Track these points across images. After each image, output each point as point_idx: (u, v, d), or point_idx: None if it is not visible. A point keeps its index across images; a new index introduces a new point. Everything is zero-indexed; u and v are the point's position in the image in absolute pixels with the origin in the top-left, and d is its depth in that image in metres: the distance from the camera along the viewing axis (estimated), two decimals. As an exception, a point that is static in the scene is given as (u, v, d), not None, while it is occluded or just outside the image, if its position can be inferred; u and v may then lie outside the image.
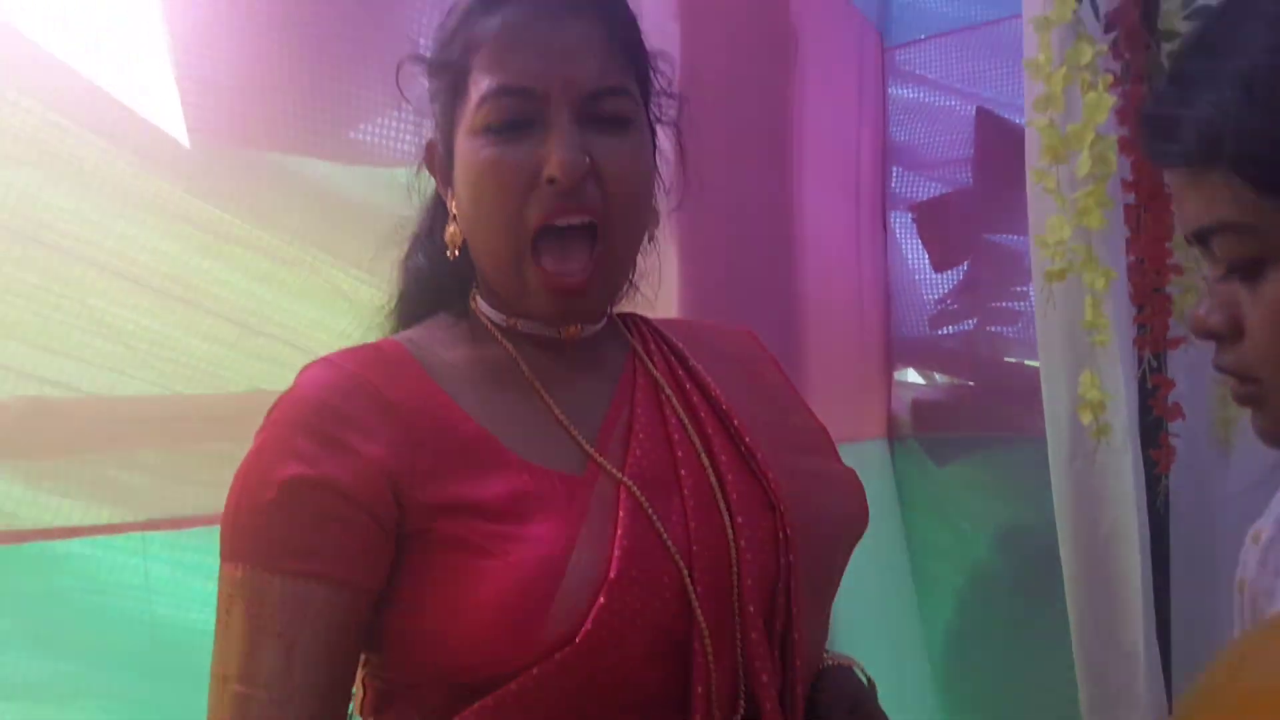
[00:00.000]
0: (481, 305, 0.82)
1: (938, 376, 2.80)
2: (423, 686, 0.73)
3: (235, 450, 1.42)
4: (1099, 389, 1.37)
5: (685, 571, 0.72)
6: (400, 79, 0.84)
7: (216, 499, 1.36)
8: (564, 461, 0.75)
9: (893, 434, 2.72)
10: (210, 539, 1.39)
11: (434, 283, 0.84)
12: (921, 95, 2.68)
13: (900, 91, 2.67)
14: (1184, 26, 1.59)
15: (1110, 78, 1.42)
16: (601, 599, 0.68)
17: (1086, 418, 1.37)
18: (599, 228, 0.75)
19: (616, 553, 0.70)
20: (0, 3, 1.08)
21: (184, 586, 1.37)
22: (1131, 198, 1.54)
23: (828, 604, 0.85)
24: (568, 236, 0.75)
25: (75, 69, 1.18)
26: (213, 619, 1.42)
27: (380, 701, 0.76)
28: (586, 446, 0.76)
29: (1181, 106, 0.61)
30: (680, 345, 0.88)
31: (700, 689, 0.71)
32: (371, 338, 0.84)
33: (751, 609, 0.74)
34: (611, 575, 0.69)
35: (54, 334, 1.21)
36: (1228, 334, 0.64)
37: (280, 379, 1.39)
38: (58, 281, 1.20)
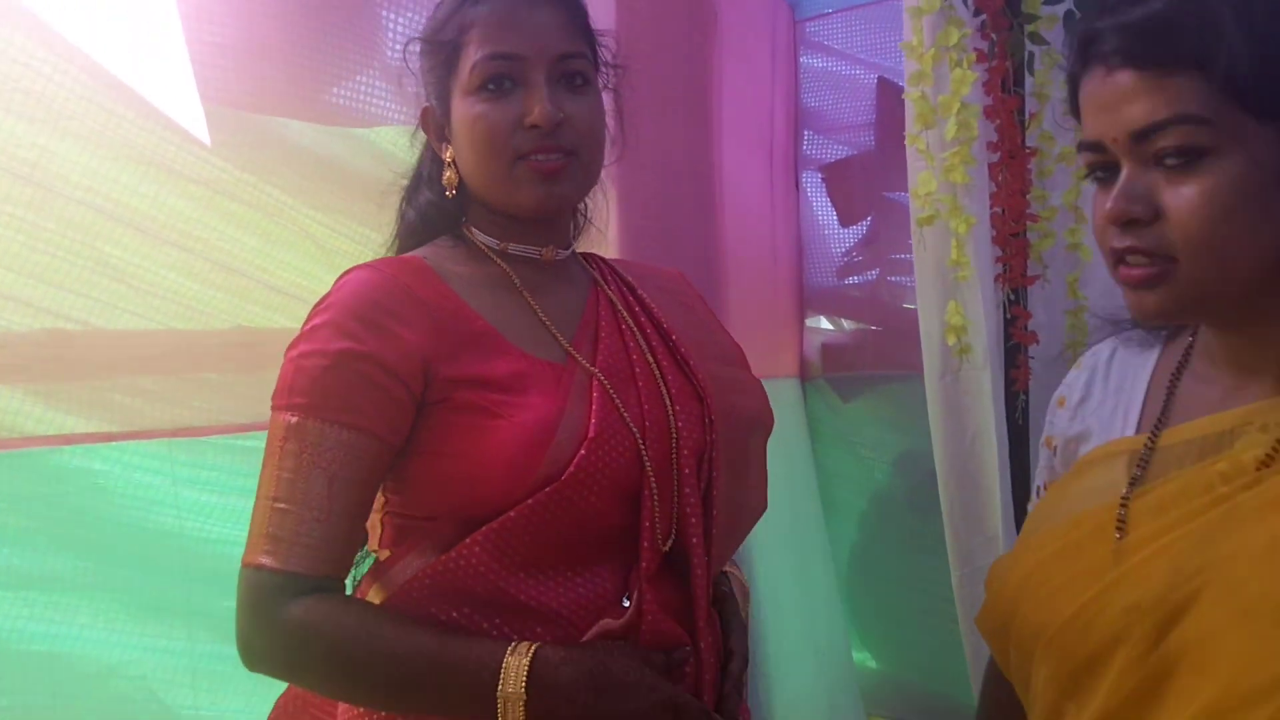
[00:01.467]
0: (477, 233, 1.03)
1: (844, 322, 3.01)
2: (438, 519, 0.93)
3: (220, 379, 1.60)
4: (962, 316, 1.63)
5: (640, 439, 0.95)
6: (382, 50, 1.01)
7: (205, 418, 1.52)
8: (549, 353, 0.97)
9: (804, 374, 2.95)
10: (202, 454, 1.56)
11: (437, 214, 1.05)
12: (830, 64, 2.84)
13: (811, 61, 2.84)
14: (1045, 10, 1.86)
15: (975, 56, 1.68)
16: (582, 451, 0.91)
17: (951, 340, 1.64)
18: (569, 156, 0.97)
19: (593, 420, 0.92)
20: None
21: (181, 496, 1.54)
22: (995, 156, 1.81)
23: (749, 476, 1.08)
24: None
25: (88, 41, 1.32)
26: (207, 526, 1.59)
27: (398, 535, 0.96)
28: (565, 344, 0.98)
29: (1171, 19, 0.70)
30: (629, 277, 1.11)
31: (648, 523, 0.94)
32: (334, 278, 0.99)
33: (685, 471, 0.98)
34: (590, 435, 0.91)
35: (67, 274, 1.36)
36: (1147, 218, 0.72)
37: (259, 317, 1.57)
38: (71, 228, 1.35)
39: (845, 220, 2.87)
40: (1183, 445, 0.79)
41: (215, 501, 1.58)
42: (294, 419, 0.88)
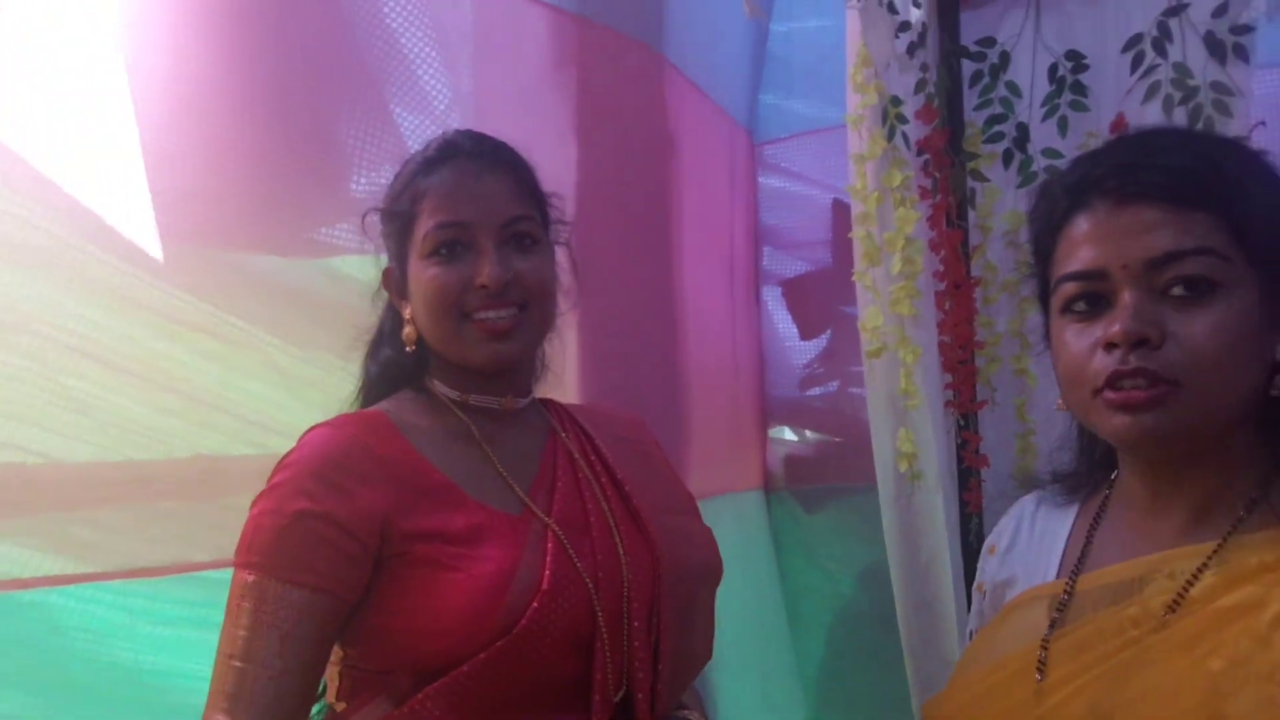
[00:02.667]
0: (438, 385, 1.07)
1: (807, 433, 3.03)
2: (393, 674, 0.94)
3: (180, 509, 1.60)
4: (913, 443, 1.67)
5: (593, 590, 0.97)
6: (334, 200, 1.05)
7: (165, 553, 1.53)
8: (506, 504, 0.99)
9: (768, 486, 2.96)
10: (160, 587, 1.56)
11: (397, 369, 1.09)
12: (787, 185, 2.94)
13: (769, 181, 2.94)
14: (985, 149, 1.96)
15: (918, 195, 1.76)
16: (535, 604, 0.92)
17: (904, 466, 1.67)
18: (520, 312, 1.02)
19: (547, 573, 0.94)
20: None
21: (138, 631, 1.53)
22: (942, 286, 1.88)
23: (696, 627, 1.09)
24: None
25: (56, 181, 1.35)
26: (163, 660, 1.57)
27: (355, 687, 0.97)
28: (523, 496, 1.01)
29: (1191, 166, 0.77)
30: (586, 426, 1.14)
31: (600, 676, 0.96)
32: (300, 405, 1.04)
33: (636, 623, 0.99)
34: (545, 587, 0.93)
35: (29, 407, 1.37)
36: (1157, 341, 0.75)
37: (219, 445, 1.58)
38: (32, 360, 1.36)
39: (805, 334, 2.93)
40: (1098, 590, 0.83)
41: (172, 635, 1.56)
42: (251, 578, 0.91)
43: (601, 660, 0.96)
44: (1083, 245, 0.80)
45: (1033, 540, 0.95)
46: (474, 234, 1.01)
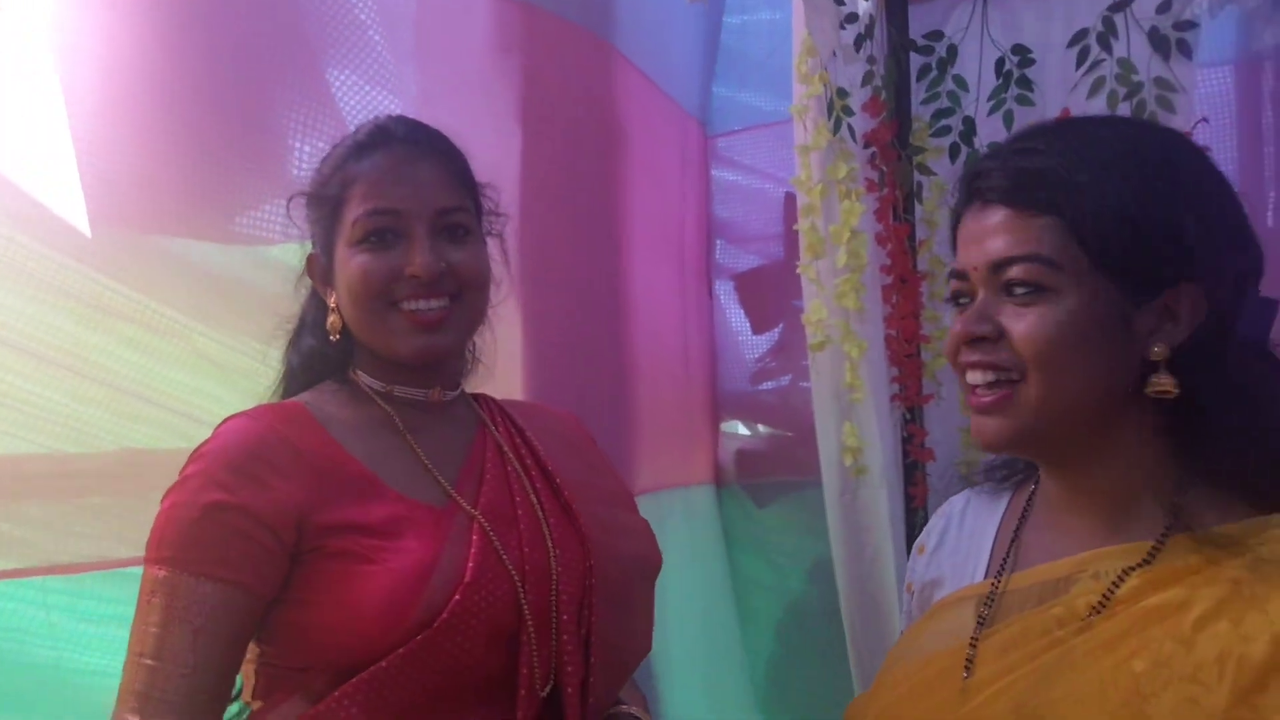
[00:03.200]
0: (362, 376, 1.04)
1: (759, 427, 3.03)
2: (309, 670, 0.91)
3: (109, 503, 1.56)
4: (857, 437, 1.67)
5: (519, 584, 0.95)
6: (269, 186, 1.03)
7: (89, 549, 1.49)
8: (429, 496, 0.97)
9: (719, 480, 2.95)
10: (83, 584, 1.51)
11: (320, 360, 1.06)
12: (740, 178, 2.94)
13: (722, 174, 2.93)
14: (932, 143, 1.96)
15: (864, 187, 1.75)
16: (457, 596, 0.90)
17: (848, 460, 1.67)
18: (452, 303, 1.00)
19: (470, 565, 0.92)
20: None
21: (59, 629, 1.48)
22: (888, 280, 1.87)
23: (632, 620, 1.08)
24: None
25: None
26: (86, 659, 1.53)
27: (269, 685, 0.94)
28: (448, 487, 0.98)
29: (1044, 169, 0.78)
30: (518, 419, 1.12)
31: (525, 670, 0.94)
32: (231, 397, 1.02)
33: (565, 617, 0.97)
34: (467, 579, 0.91)
35: None
36: (992, 337, 0.79)
37: (147, 438, 1.54)
38: None
39: (758, 327, 2.92)
40: (1024, 590, 0.84)
41: (95, 633, 1.52)
42: (161, 572, 0.88)
43: (528, 654, 0.94)
44: (959, 245, 0.85)
45: (961, 539, 0.96)
46: (406, 222, 0.98)
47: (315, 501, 0.92)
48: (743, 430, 3.05)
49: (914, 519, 1.88)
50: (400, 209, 0.98)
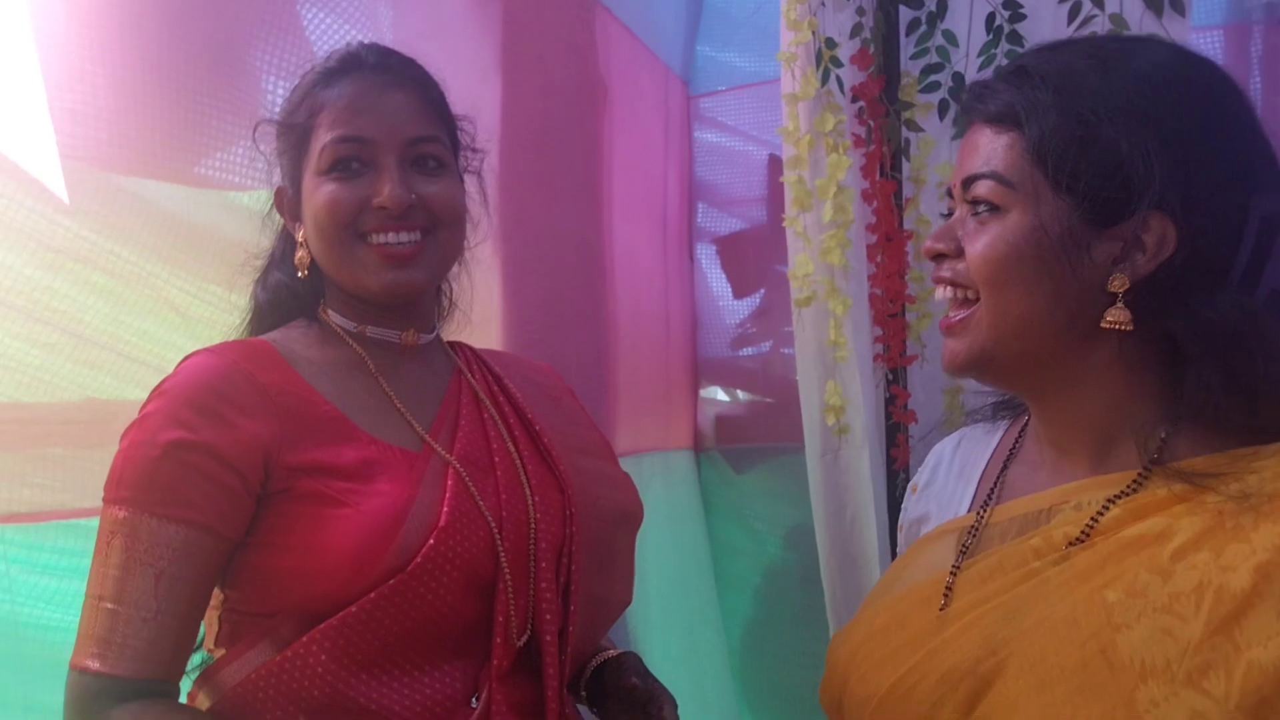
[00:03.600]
0: (332, 315, 1.00)
1: (739, 393, 3.02)
2: (276, 617, 0.88)
3: (70, 455, 1.51)
4: (840, 396, 1.64)
5: (495, 531, 0.92)
6: (241, 128, 0.99)
7: (55, 498, 1.44)
8: (402, 440, 0.93)
9: (698, 445, 2.94)
10: (41, 535, 1.47)
11: (289, 297, 1.02)
12: (723, 140, 2.90)
13: (705, 135, 2.89)
14: (921, 99, 1.92)
15: (851, 141, 1.72)
16: (431, 540, 0.87)
17: (830, 420, 1.64)
18: (424, 237, 0.96)
19: (445, 509, 0.89)
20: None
21: (16, 581, 1.44)
22: (873, 239, 1.84)
23: (613, 570, 1.06)
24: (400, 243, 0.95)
25: None
26: (44, 613, 1.49)
27: (234, 633, 0.91)
28: (421, 431, 0.95)
29: (1009, 88, 0.79)
30: (496, 368, 1.09)
31: (501, 618, 0.91)
32: (196, 347, 0.97)
33: (543, 564, 0.95)
34: (441, 523, 0.88)
35: None
36: (951, 253, 0.80)
37: (110, 388, 1.49)
38: None
39: (739, 292, 2.91)
40: (1006, 522, 0.82)
41: (54, 586, 1.48)
42: (121, 513, 0.85)
43: (504, 602, 0.91)
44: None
45: (950, 477, 0.95)
46: (374, 151, 0.94)
47: (282, 441, 0.88)
48: (722, 396, 3.04)
49: (895, 481, 1.86)
50: (368, 137, 0.94)
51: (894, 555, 1.87)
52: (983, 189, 0.78)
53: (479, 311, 1.17)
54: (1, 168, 1.33)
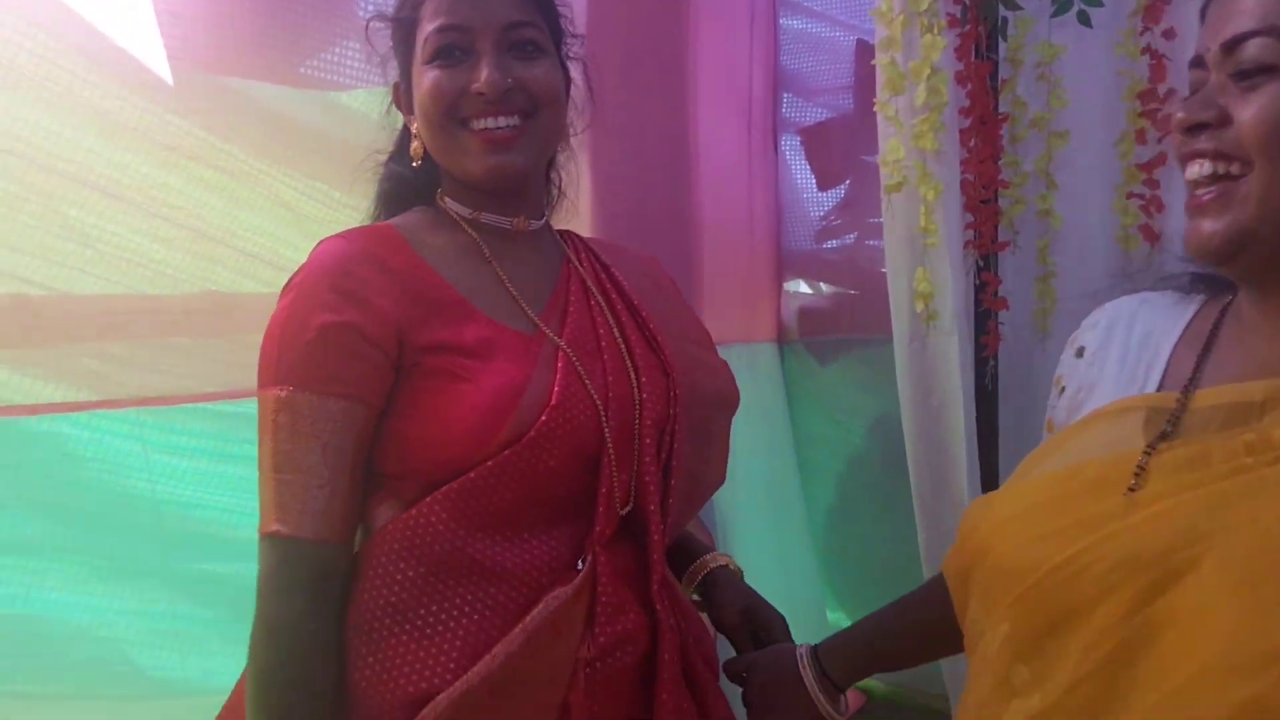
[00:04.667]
0: (449, 202, 1.04)
1: (822, 285, 3.00)
2: (404, 479, 0.95)
3: (193, 344, 1.60)
4: (929, 282, 1.64)
5: (601, 411, 0.97)
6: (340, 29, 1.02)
7: (183, 384, 1.54)
8: (517, 323, 0.98)
9: (781, 338, 2.95)
10: (173, 418, 1.57)
11: (408, 187, 1.06)
12: (809, 26, 2.82)
13: (790, 23, 2.82)
14: (1015, -26, 1.84)
15: (946, 21, 1.67)
16: (543, 417, 0.93)
17: (919, 306, 1.65)
18: (524, 121, 0.98)
19: (556, 389, 0.95)
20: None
21: (154, 463, 1.55)
22: (967, 122, 1.80)
23: (710, 451, 1.10)
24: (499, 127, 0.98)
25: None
26: (180, 491, 1.60)
27: (367, 490, 0.97)
28: (533, 316, 1.00)
29: None
30: (603, 256, 1.13)
31: (605, 489, 0.97)
32: (306, 244, 1.01)
33: (647, 441, 1.00)
34: (553, 402, 0.93)
35: (29, 238, 1.36)
36: (1214, 122, 0.73)
37: (228, 281, 1.57)
38: (33, 191, 1.35)
39: (823, 184, 2.87)
40: (1209, 410, 0.76)
41: (187, 466, 1.59)
42: (283, 393, 0.91)
43: (608, 475, 0.97)
44: (1201, 30, 0.78)
45: (1130, 347, 0.87)
46: (473, 38, 0.97)
47: (410, 321, 0.93)
48: (805, 289, 3.03)
49: (983, 369, 1.86)
50: (467, 25, 0.97)
51: (981, 441, 1.90)
52: (1256, 49, 0.71)
53: (574, 203, 1.19)
54: (112, 69, 1.39)
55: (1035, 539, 0.76)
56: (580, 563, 0.96)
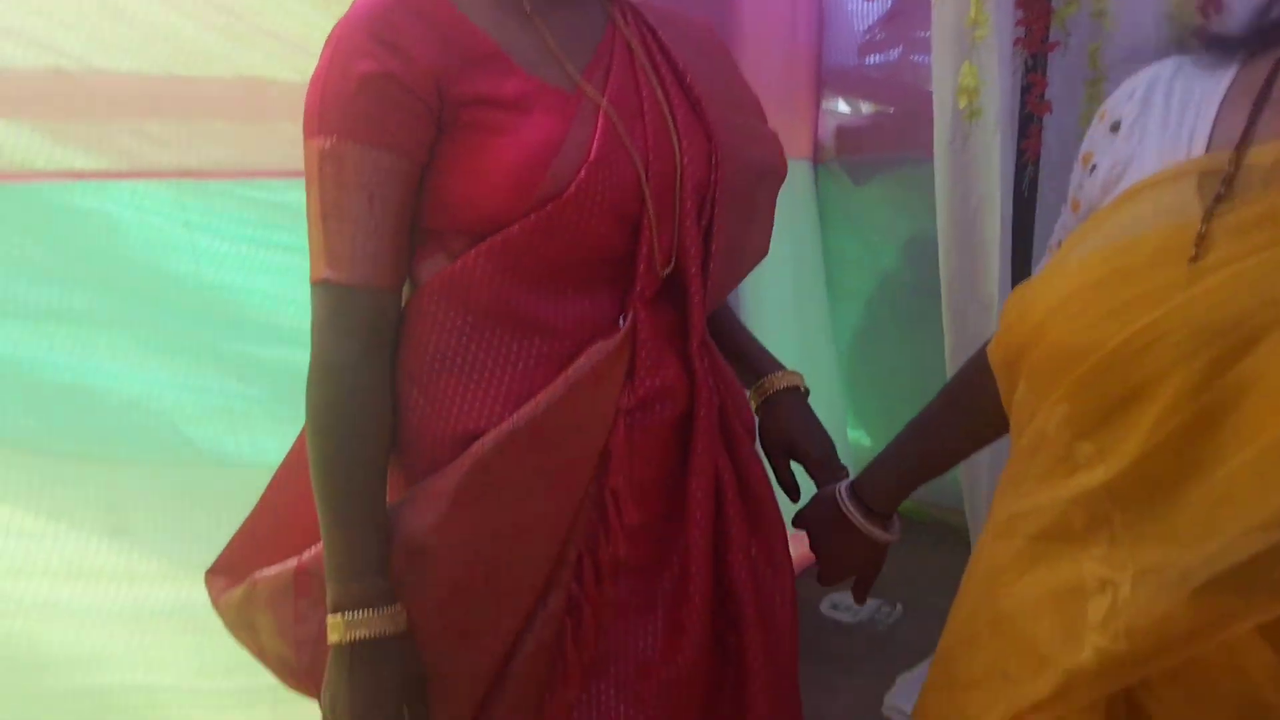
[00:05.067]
0: None
1: (862, 105, 2.92)
2: (446, 233, 0.96)
3: (228, 127, 1.58)
4: (975, 77, 1.60)
5: (641, 171, 0.97)
6: None
7: (214, 163, 1.53)
8: (557, 80, 0.97)
9: (817, 158, 2.91)
10: (215, 201, 1.58)
11: None
12: None
13: None
14: None
15: None
16: (582, 173, 0.92)
17: (963, 102, 1.61)
18: None
19: (595, 145, 0.94)
20: None
21: (198, 245, 1.58)
22: (1024, -89, 1.71)
23: (753, 220, 1.10)
24: None
25: None
26: (223, 275, 1.62)
27: (414, 242, 0.99)
28: (575, 74, 0.98)
29: None
30: (651, 21, 1.09)
31: (645, 248, 0.98)
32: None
33: (688, 204, 1.00)
34: (591, 158, 0.93)
35: (68, 9, 1.35)
36: None
37: (260, 66, 1.55)
38: None
39: (869, -8, 2.77)
40: (1269, 166, 0.72)
41: (228, 250, 1.62)
42: (328, 143, 0.90)
43: (648, 235, 0.97)
44: None
45: (1169, 114, 0.81)
46: None
47: (448, 72, 0.92)
48: (844, 107, 2.95)
49: (1023, 174, 1.82)
50: None
51: (1015, 246, 1.89)
52: None
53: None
54: None
55: (1097, 318, 0.73)
56: (622, 320, 0.98)
